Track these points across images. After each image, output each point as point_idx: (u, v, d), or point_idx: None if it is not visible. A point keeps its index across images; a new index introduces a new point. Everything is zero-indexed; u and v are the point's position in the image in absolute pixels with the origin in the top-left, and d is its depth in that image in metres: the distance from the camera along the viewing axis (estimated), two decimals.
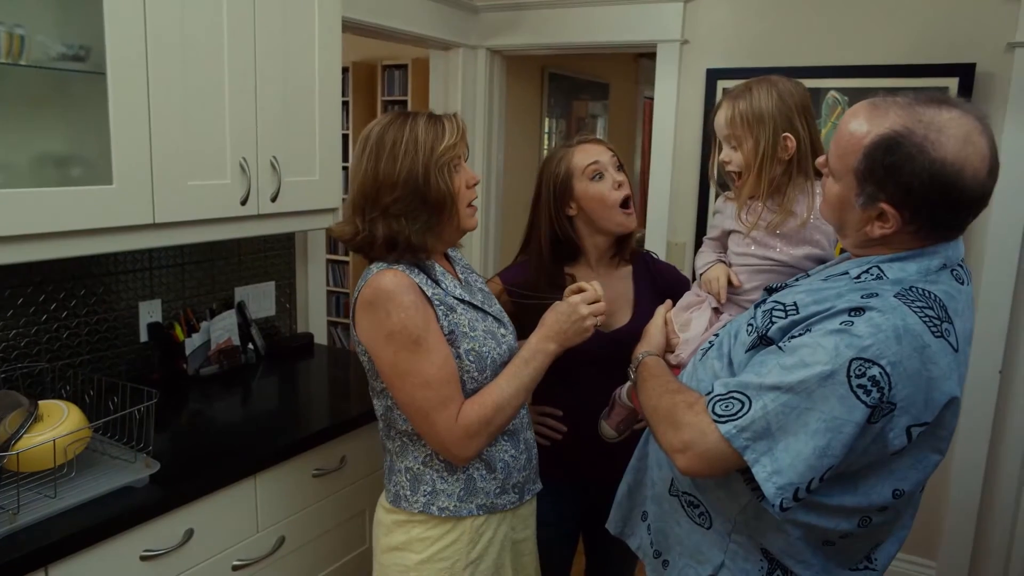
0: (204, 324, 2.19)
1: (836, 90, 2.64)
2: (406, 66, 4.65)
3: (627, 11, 2.95)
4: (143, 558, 1.48)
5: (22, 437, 1.40)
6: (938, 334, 1.02)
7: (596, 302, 1.46)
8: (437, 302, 1.36)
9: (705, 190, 2.92)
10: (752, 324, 1.17)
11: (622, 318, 1.73)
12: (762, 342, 1.12)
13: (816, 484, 1.03)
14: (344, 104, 4.09)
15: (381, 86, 4.79)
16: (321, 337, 2.67)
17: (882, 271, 1.10)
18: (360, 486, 2.00)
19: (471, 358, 1.37)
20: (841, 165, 1.10)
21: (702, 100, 2.89)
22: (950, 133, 1.02)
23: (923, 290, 1.05)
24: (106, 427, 1.59)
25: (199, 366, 2.17)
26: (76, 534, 1.36)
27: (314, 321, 2.67)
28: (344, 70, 2.61)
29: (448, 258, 1.54)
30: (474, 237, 3.32)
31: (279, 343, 2.47)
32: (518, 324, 1.57)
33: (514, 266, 1.82)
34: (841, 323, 1.02)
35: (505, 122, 3.54)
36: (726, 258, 1.49)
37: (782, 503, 1.03)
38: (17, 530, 1.33)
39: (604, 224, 1.71)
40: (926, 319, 1.02)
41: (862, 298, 1.04)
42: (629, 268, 1.80)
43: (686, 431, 1.10)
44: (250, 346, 2.34)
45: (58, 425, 1.44)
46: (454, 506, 1.41)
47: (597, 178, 1.68)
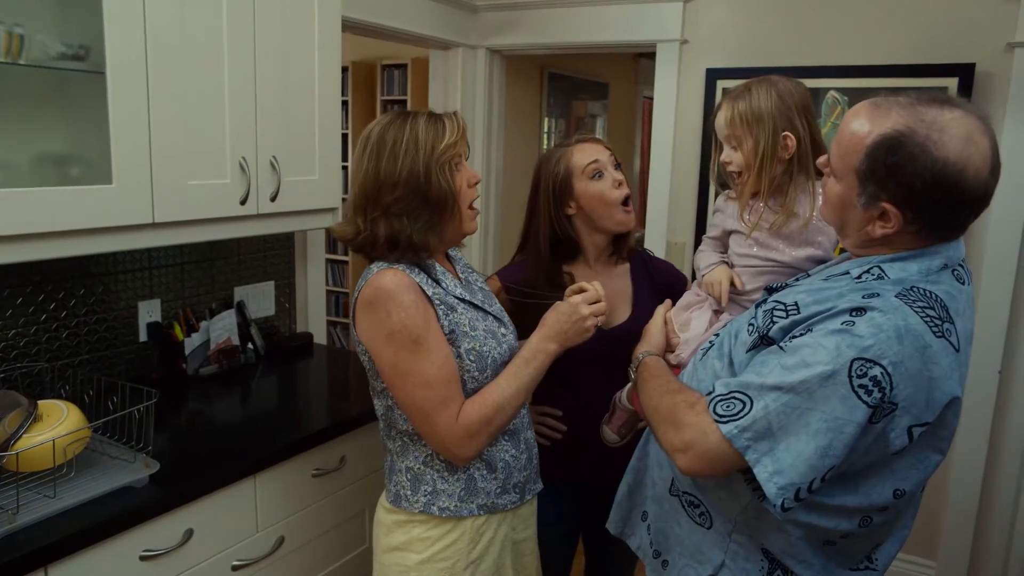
0: (203, 324, 2.19)
1: (836, 90, 2.64)
2: (405, 66, 4.65)
3: (627, 11, 2.95)
4: (143, 558, 1.48)
5: (21, 437, 1.40)
6: (939, 334, 1.02)
7: (597, 302, 1.46)
8: (438, 301, 1.36)
9: (705, 190, 2.92)
10: (753, 324, 1.17)
11: (621, 315, 1.73)
12: (763, 342, 1.12)
13: (817, 484, 1.03)
14: (343, 104, 4.10)
15: (380, 86, 4.78)
16: (321, 337, 2.67)
17: (883, 271, 1.09)
18: (360, 486, 2.00)
19: (472, 357, 1.37)
20: (843, 165, 1.10)
21: (702, 100, 2.89)
22: (952, 133, 1.02)
23: (924, 290, 1.05)
24: (105, 427, 1.59)
25: (198, 366, 2.17)
26: (75, 534, 1.35)
27: (314, 321, 2.67)
28: (343, 70, 2.61)
29: (448, 257, 1.54)
30: (474, 236, 3.30)
31: (278, 343, 2.47)
32: (517, 323, 1.57)
33: (512, 265, 1.81)
34: (842, 323, 1.02)
35: (504, 122, 3.54)
36: (728, 259, 1.49)
37: (783, 503, 1.03)
38: (16, 530, 1.33)
39: (604, 223, 1.71)
40: (927, 319, 1.02)
41: (863, 298, 1.04)
42: (627, 266, 1.81)
43: (687, 431, 1.10)
44: (249, 346, 2.34)
45: (57, 425, 1.44)
46: (455, 506, 1.40)
47: (597, 177, 1.68)
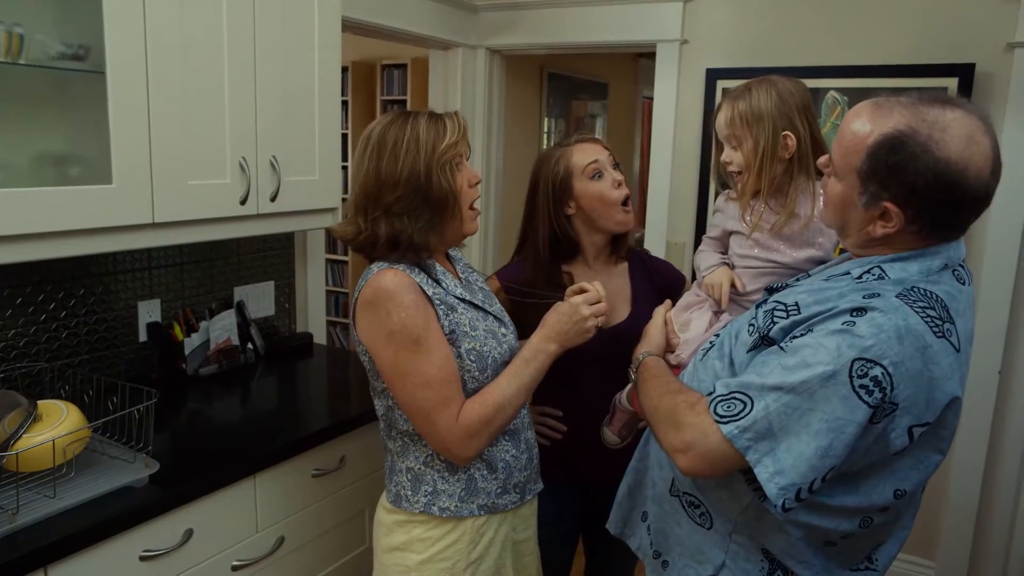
0: (203, 324, 2.18)
1: (836, 90, 2.64)
2: (405, 66, 4.65)
3: (626, 11, 2.95)
4: (142, 558, 1.48)
5: (21, 437, 1.39)
6: (940, 334, 1.02)
7: (598, 303, 1.46)
8: (438, 301, 1.36)
9: (704, 190, 2.92)
10: (753, 324, 1.17)
11: (620, 315, 1.73)
12: (763, 342, 1.12)
13: (818, 485, 1.03)
14: (343, 104, 4.09)
15: (380, 86, 4.78)
16: (320, 337, 2.67)
17: (884, 271, 1.09)
18: (359, 486, 2.00)
19: (472, 357, 1.37)
20: (844, 164, 1.10)
21: (702, 100, 2.89)
22: (954, 133, 1.02)
23: (925, 290, 1.05)
24: (105, 427, 1.59)
25: (198, 366, 2.17)
26: (75, 534, 1.35)
27: (313, 321, 2.67)
28: (343, 70, 2.61)
29: (448, 258, 1.54)
30: (474, 236, 3.30)
31: (278, 343, 2.47)
32: (516, 323, 1.57)
33: (511, 265, 1.82)
34: (843, 323, 1.02)
35: (504, 122, 3.54)
36: (728, 259, 1.49)
37: (784, 503, 1.03)
38: (16, 530, 1.33)
39: (603, 223, 1.71)
40: (928, 319, 1.02)
41: (864, 298, 1.04)
42: (625, 265, 1.81)
43: (687, 432, 1.09)
44: (249, 346, 2.34)
45: (57, 425, 1.44)
46: (455, 506, 1.40)
47: (597, 177, 1.68)
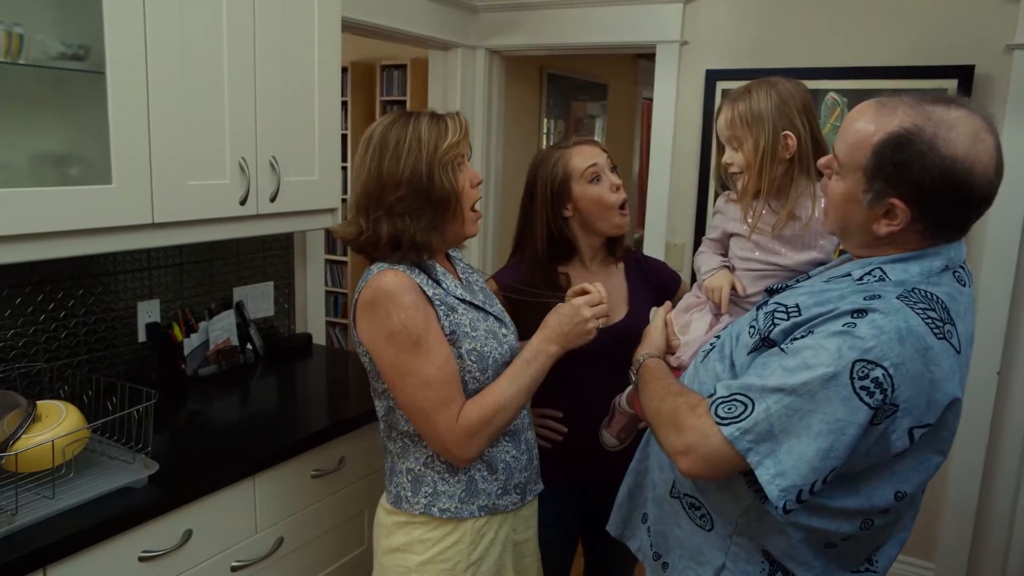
0: (203, 324, 2.18)
1: (835, 91, 2.64)
2: (405, 66, 4.64)
3: (626, 12, 2.95)
4: (142, 559, 1.47)
5: (20, 437, 1.39)
6: (940, 336, 1.02)
7: (599, 304, 1.46)
8: (438, 302, 1.36)
9: (704, 191, 2.92)
10: (754, 326, 1.17)
11: (618, 314, 1.73)
12: (764, 344, 1.12)
13: (819, 486, 1.03)
14: (343, 104, 4.09)
15: (380, 86, 4.78)
16: (320, 337, 2.66)
17: (884, 272, 1.09)
18: (359, 487, 1.99)
19: (473, 358, 1.37)
20: (848, 162, 1.10)
21: (701, 101, 2.88)
22: (959, 131, 1.02)
23: (925, 292, 1.05)
24: (104, 427, 1.59)
25: (197, 366, 2.17)
26: (74, 535, 1.35)
27: (313, 321, 2.67)
28: (343, 70, 2.61)
29: (449, 258, 1.54)
30: (473, 237, 3.32)
31: (278, 343, 2.46)
32: (515, 324, 1.57)
33: (507, 267, 1.82)
34: (844, 325, 1.02)
35: (504, 122, 3.54)
36: (728, 261, 1.49)
37: (786, 505, 1.02)
38: (15, 531, 1.33)
39: (600, 225, 1.72)
40: (928, 321, 1.02)
41: (864, 300, 1.04)
42: (621, 266, 1.83)
43: (689, 434, 1.09)
44: (249, 346, 2.33)
45: (56, 425, 1.44)
46: (455, 507, 1.40)
47: (595, 180, 1.69)
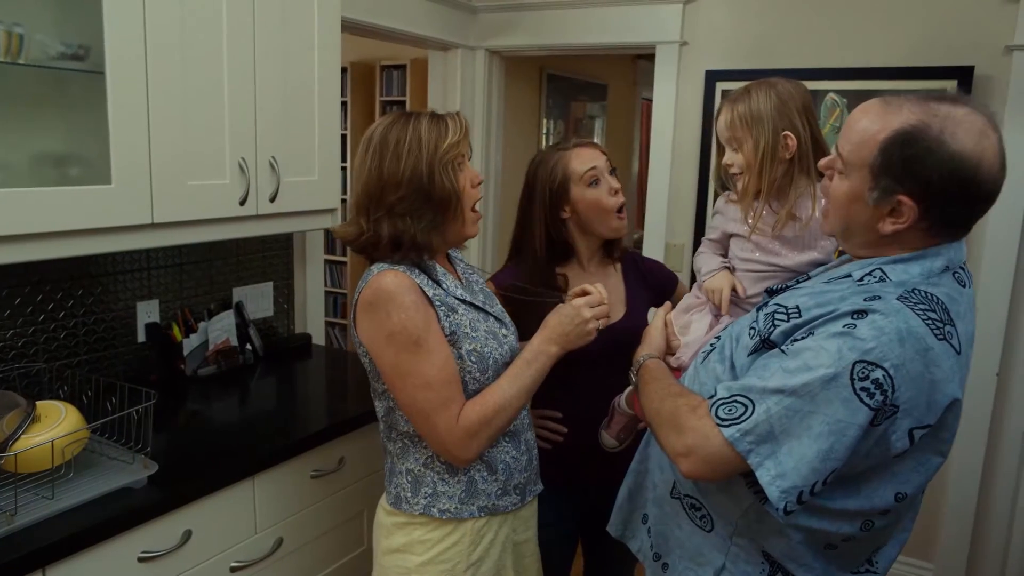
0: (202, 324, 2.18)
1: (835, 92, 2.64)
2: (404, 66, 4.64)
3: (626, 12, 2.95)
4: (141, 559, 1.47)
5: (20, 438, 1.39)
6: (941, 337, 1.02)
7: (599, 305, 1.46)
8: (438, 303, 1.36)
9: (704, 191, 2.92)
10: (754, 328, 1.17)
11: (616, 314, 1.74)
12: (764, 345, 1.12)
13: (820, 487, 1.03)
14: (342, 104, 4.09)
15: (379, 86, 4.78)
16: (319, 338, 2.66)
17: (885, 273, 1.09)
18: (358, 487, 1.99)
19: (473, 359, 1.37)
20: (854, 160, 1.09)
21: (701, 102, 2.89)
22: (966, 127, 1.02)
23: (926, 292, 1.05)
24: (104, 428, 1.59)
25: (197, 367, 2.17)
26: (74, 535, 1.35)
27: (312, 322, 2.67)
28: (342, 70, 2.61)
29: (449, 259, 1.54)
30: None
31: (277, 344, 2.46)
32: (514, 324, 1.56)
33: (504, 269, 1.82)
34: (844, 326, 1.02)
35: (503, 123, 3.54)
36: (728, 262, 1.49)
37: (786, 506, 1.02)
38: (14, 531, 1.32)
39: (598, 228, 1.73)
40: (929, 322, 1.02)
41: (865, 301, 1.04)
42: (618, 266, 1.83)
43: (689, 435, 1.09)
44: (248, 347, 2.33)
45: (56, 426, 1.43)
46: (455, 508, 1.40)
47: (594, 184, 1.69)
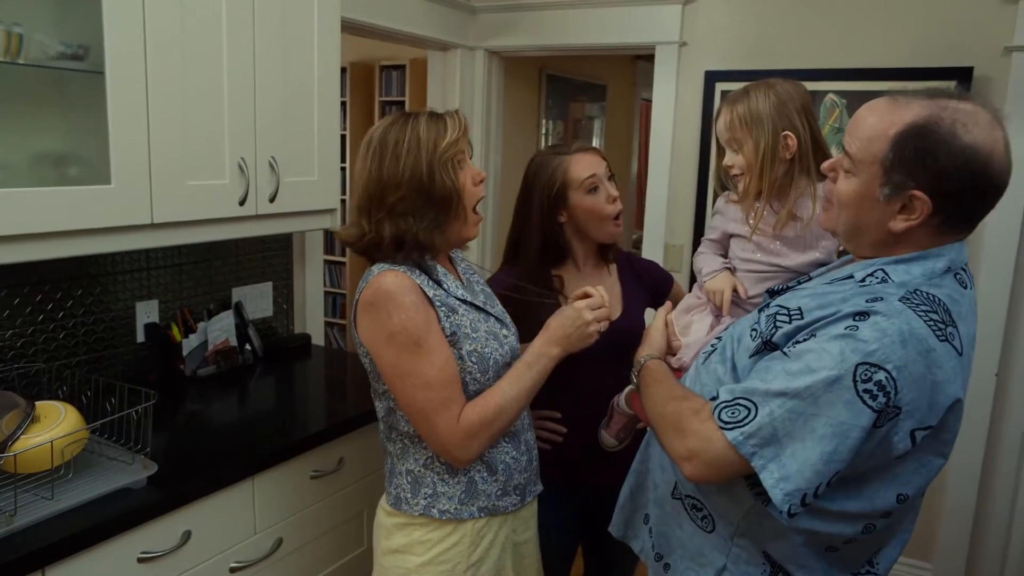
0: (201, 325, 2.18)
1: (834, 93, 2.64)
2: (404, 66, 4.64)
3: (625, 13, 2.95)
4: (140, 560, 1.47)
5: (19, 438, 1.39)
6: (943, 338, 1.02)
7: (600, 308, 1.46)
8: (439, 303, 1.36)
9: (703, 192, 2.92)
10: (756, 329, 1.17)
11: (613, 314, 1.73)
12: (766, 347, 1.12)
13: (823, 490, 1.03)
14: (342, 105, 4.08)
15: (379, 86, 4.77)
16: (319, 338, 2.66)
17: (887, 274, 1.09)
18: (358, 487, 1.99)
19: (473, 359, 1.37)
20: (864, 157, 1.08)
21: (700, 102, 2.89)
22: (976, 120, 1.02)
23: (927, 294, 1.05)
24: (103, 428, 1.58)
25: (196, 367, 2.16)
26: (73, 536, 1.35)
27: (311, 322, 2.66)
28: (342, 70, 2.61)
29: (450, 259, 1.54)
30: None
31: (276, 344, 2.46)
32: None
33: (501, 271, 1.82)
34: (846, 328, 1.02)
35: (503, 123, 3.54)
36: (729, 263, 1.49)
37: (790, 509, 1.02)
38: (14, 532, 1.32)
39: (594, 233, 1.74)
40: (931, 323, 1.02)
41: (867, 302, 1.04)
42: (614, 267, 1.85)
43: (692, 439, 1.09)
44: (247, 347, 2.33)
45: (55, 426, 1.43)
46: (455, 508, 1.40)
47: (593, 191, 1.70)
